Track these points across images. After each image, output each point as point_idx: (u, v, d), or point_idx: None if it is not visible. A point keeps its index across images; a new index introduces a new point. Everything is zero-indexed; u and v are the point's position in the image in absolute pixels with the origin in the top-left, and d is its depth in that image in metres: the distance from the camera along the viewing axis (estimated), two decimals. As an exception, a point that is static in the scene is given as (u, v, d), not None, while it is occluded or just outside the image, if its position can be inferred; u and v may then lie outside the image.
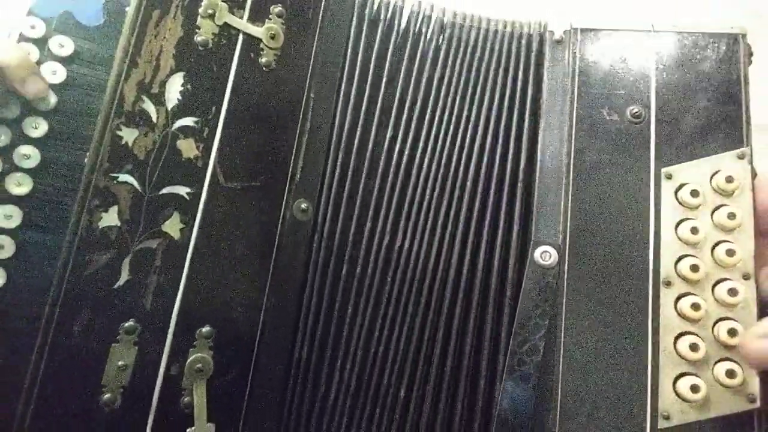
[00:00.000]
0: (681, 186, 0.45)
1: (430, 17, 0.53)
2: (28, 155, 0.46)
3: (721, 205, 0.45)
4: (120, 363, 0.40)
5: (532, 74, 0.51)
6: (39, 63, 0.45)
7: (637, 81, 0.48)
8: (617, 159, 0.46)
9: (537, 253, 0.45)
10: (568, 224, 0.46)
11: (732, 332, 0.42)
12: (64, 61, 0.48)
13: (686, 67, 0.47)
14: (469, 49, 0.52)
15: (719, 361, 0.42)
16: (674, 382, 0.42)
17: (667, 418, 0.41)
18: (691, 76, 0.47)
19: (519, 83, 0.51)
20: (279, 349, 0.45)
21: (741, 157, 0.45)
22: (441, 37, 0.52)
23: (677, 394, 0.42)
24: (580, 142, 0.47)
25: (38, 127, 0.47)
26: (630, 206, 0.45)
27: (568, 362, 0.43)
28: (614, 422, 0.42)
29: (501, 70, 0.52)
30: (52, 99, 0.48)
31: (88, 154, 0.42)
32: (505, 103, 0.51)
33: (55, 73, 0.48)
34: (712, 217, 0.45)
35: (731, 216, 0.44)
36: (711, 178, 0.45)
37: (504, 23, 0.53)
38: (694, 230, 0.44)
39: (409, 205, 0.49)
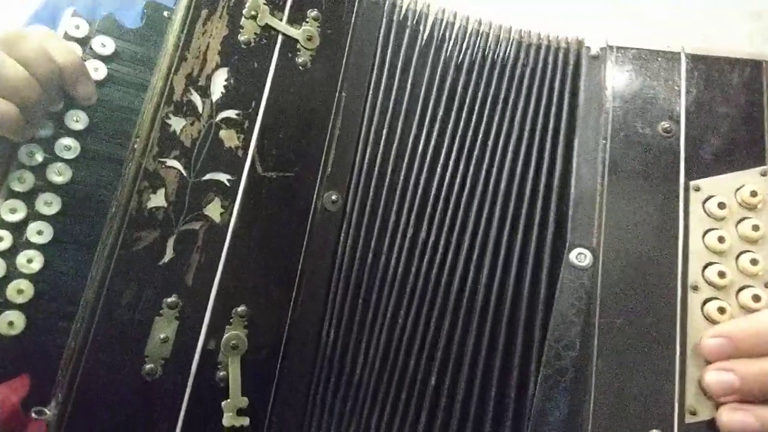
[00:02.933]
0: (708, 198, 0.48)
1: (453, 24, 0.56)
2: (69, 146, 0.48)
3: (745, 218, 0.47)
4: (162, 336, 0.42)
5: (569, 86, 0.54)
6: (82, 60, 0.48)
7: (668, 99, 0.51)
8: (650, 170, 0.49)
9: (573, 255, 0.47)
10: (603, 229, 0.48)
11: None
12: (106, 59, 0.51)
13: (713, 89, 0.51)
14: (499, 59, 0.55)
15: None
16: (700, 381, 0.44)
17: (693, 413, 0.43)
18: (718, 98, 0.50)
19: (555, 93, 0.54)
20: (308, 330, 0.47)
21: (763, 174, 0.48)
22: (465, 44, 0.55)
23: (703, 391, 0.44)
24: (615, 153, 0.50)
25: (79, 120, 0.49)
26: (661, 215, 0.48)
27: (602, 359, 0.45)
28: (644, 416, 0.44)
29: (536, 81, 0.54)
30: (94, 94, 0.50)
31: (138, 138, 0.45)
32: (541, 111, 0.53)
33: (96, 70, 0.50)
34: (736, 228, 0.47)
35: (755, 228, 0.46)
36: (736, 192, 0.48)
37: (537, 36, 0.56)
38: (721, 239, 0.46)
39: (433, 201, 0.51)
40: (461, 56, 0.55)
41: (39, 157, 0.47)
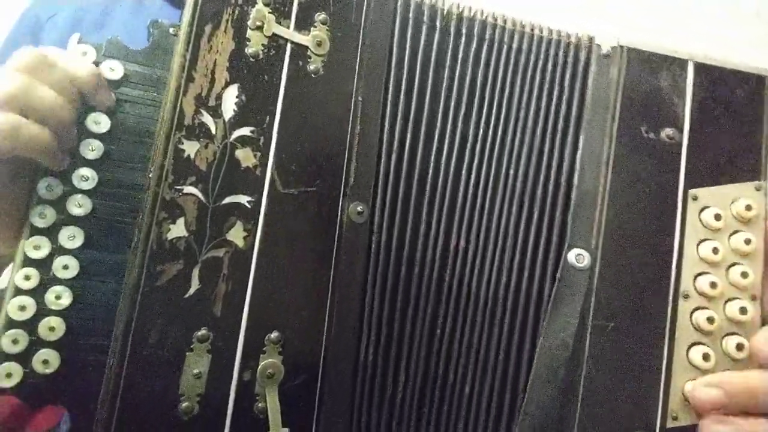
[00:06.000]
0: (704, 208, 0.49)
1: (468, 18, 0.53)
2: (86, 177, 0.48)
3: (738, 230, 0.48)
4: (195, 371, 0.40)
5: (578, 84, 0.52)
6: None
7: (674, 105, 0.51)
8: (651, 175, 0.49)
9: (571, 255, 0.47)
10: (602, 231, 0.48)
11: (739, 347, 0.46)
12: (115, 84, 0.50)
13: (717, 100, 0.51)
14: (513, 53, 0.52)
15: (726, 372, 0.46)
16: (683, 387, 0.46)
17: (675, 418, 0.45)
18: (721, 109, 0.51)
19: (566, 91, 0.52)
20: (345, 350, 0.45)
21: (758, 188, 0.49)
22: (483, 38, 0.52)
23: (686, 398, 0.45)
24: (618, 155, 0.49)
25: (94, 149, 0.48)
26: (658, 221, 0.48)
27: (592, 360, 0.46)
28: (630, 418, 0.45)
29: (548, 76, 0.52)
30: (106, 121, 0.49)
31: (152, 168, 0.43)
32: (552, 109, 0.51)
33: (107, 97, 0.49)
34: (729, 240, 0.48)
35: (747, 242, 0.47)
36: (731, 204, 0.49)
37: (549, 30, 0.53)
38: (715, 250, 0.47)
39: (461, 207, 0.49)
40: (479, 51, 0.52)
41: (58, 190, 0.46)
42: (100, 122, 0.49)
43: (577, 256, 0.47)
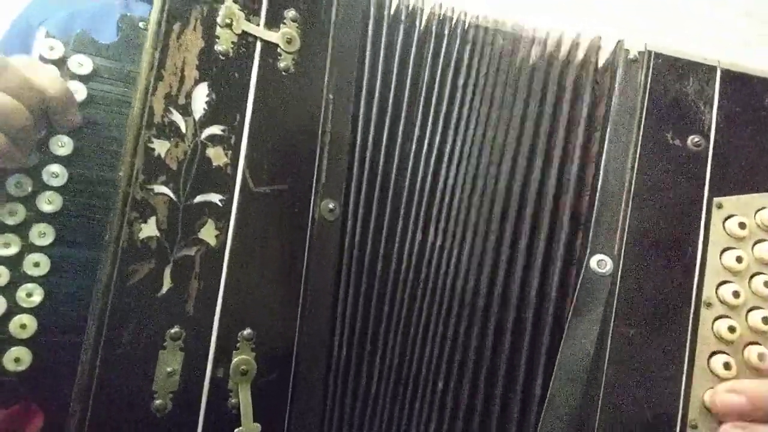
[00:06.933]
0: (729, 216, 0.48)
1: (451, 18, 0.53)
2: (56, 173, 0.47)
3: (763, 240, 0.48)
4: (168, 369, 0.41)
5: (589, 88, 0.51)
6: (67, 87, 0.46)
7: (701, 112, 0.50)
8: (676, 182, 0.49)
9: (593, 261, 0.47)
10: (625, 237, 0.48)
11: (761, 357, 0.46)
12: (84, 79, 0.49)
13: (743, 107, 0.50)
14: (496, 54, 0.52)
15: None
16: (703, 395, 0.45)
17: (694, 427, 0.45)
18: (748, 117, 0.50)
19: (588, 97, 0.51)
20: (317, 346, 0.46)
21: None
22: (465, 39, 0.53)
23: (706, 407, 0.45)
24: (644, 161, 0.49)
25: (64, 146, 0.48)
26: (682, 228, 0.48)
27: (613, 366, 0.46)
28: (648, 425, 0.45)
29: (534, 78, 0.52)
30: (79, 122, 0.49)
31: (122, 167, 0.43)
32: (564, 112, 0.51)
33: (76, 92, 0.49)
34: (752, 249, 0.48)
35: None
36: (756, 213, 0.48)
37: (533, 30, 0.53)
38: (739, 259, 0.47)
39: (439, 203, 0.50)
40: (461, 51, 0.52)
41: (28, 187, 0.46)
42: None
43: (599, 262, 0.47)
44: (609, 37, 0.53)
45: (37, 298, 0.44)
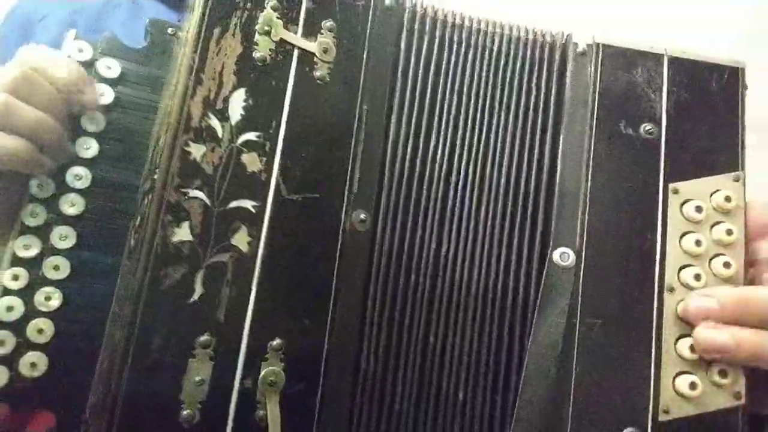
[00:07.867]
0: (685, 201, 0.49)
1: (461, 26, 0.53)
2: (80, 176, 0.47)
3: (720, 222, 0.48)
4: (197, 378, 0.40)
5: (555, 83, 0.52)
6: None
7: (651, 100, 0.51)
8: (632, 171, 0.49)
9: (556, 254, 0.48)
10: (585, 228, 0.48)
11: None
12: (112, 82, 0.49)
13: (693, 93, 0.51)
14: (494, 56, 0.53)
15: (713, 361, 0.46)
16: (673, 380, 0.46)
17: (666, 412, 0.45)
18: (697, 101, 0.51)
19: (543, 91, 0.52)
20: (345, 358, 0.45)
21: (737, 179, 0.49)
22: (469, 44, 0.53)
23: (675, 391, 0.45)
24: (599, 152, 0.50)
25: (90, 148, 0.48)
26: (641, 216, 0.49)
27: (581, 359, 0.46)
28: (620, 415, 0.45)
29: (525, 77, 0.53)
30: (102, 120, 0.48)
31: (156, 170, 0.42)
32: (530, 110, 0.52)
33: (103, 94, 0.49)
34: (710, 232, 0.48)
35: (729, 232, 0.48)
36: (711, 196, 0.49)
37: (526, 30, 0.54)
38: (698, 242, 0.47)
39: (450, 212, 0.50)
40: (470, 58, 0.53)
41: (51, 189, 0.45)
42: (95, 120, 0.48)
43: (562, 255, 0.47)
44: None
45: (56, 302, 0.44)
